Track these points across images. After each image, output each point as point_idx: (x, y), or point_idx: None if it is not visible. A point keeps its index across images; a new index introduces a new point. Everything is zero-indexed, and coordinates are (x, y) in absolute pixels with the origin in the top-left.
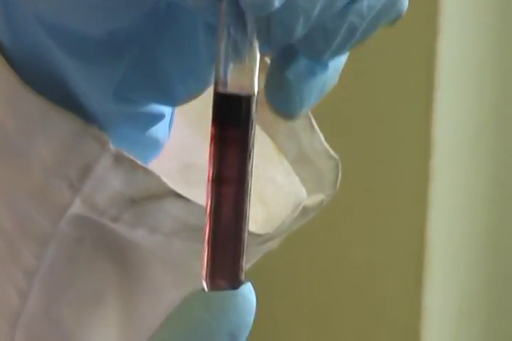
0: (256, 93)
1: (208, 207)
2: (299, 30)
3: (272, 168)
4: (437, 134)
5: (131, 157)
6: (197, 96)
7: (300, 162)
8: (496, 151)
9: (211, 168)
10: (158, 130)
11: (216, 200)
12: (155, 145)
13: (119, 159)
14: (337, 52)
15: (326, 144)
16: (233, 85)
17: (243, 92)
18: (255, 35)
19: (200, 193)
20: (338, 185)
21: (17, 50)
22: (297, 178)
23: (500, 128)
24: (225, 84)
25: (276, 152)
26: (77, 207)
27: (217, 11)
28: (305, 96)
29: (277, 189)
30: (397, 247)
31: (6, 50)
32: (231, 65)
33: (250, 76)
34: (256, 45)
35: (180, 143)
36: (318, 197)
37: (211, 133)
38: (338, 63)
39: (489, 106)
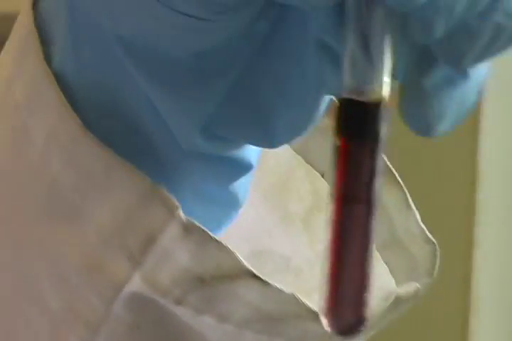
0: (386, 99)
1: (332, 229)
2: (441, 28)
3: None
4: (484, 163)
5: (203, 227)
6: (300, 134)
7: (390, 247)
8: None
9: (337, 185)
10: (240, 186)
11: (342, 219)
12: (234, 206)
13: (188, 229)
14: (480, 57)
15: (422, 225)
16: (362, 92)
17: (372, 100)
18: (387, 35)
19: (273, 284)
20: (435, 274)
21: (81, 84)
22: (385, 267)
23: None
24: (353, 91)
25: None
26: (135, 285)
27: (336, 19)
28: (443, 108)
29: None
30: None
31: (67, 87)
32: (360, 69)
33: (380, 81)
34: (388, 45)
35: (252, 225)
36: (411, 286)
37: (336, 145)
38: (480, 76)
39: None
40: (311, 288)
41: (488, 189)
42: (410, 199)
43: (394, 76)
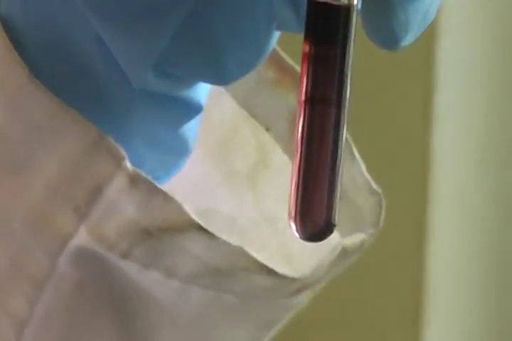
0: (355, 4)
1: (300, 131)
2: None
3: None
4: (437, 148)
5: (150, 179)
6: (250, 70)
7: None
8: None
9: (304, 87)
10: (189, 131)
11: (310, 122)
12: (183, 151)
13: (135, 180)
14: None
15: (367, 175)
16: None
17: (342, 4)
18: None
19: None
20: (380, 224)
21: (28, 27)
22: None
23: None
24: None
25: None
26: (81, 238)
27: None
28: (409, 20)
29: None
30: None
31: (14, 31)
32: None
33: None
34: None
35: (196, 183)
36: (358, 237)
37: (304, 49)
38: None
39: (495, 117)
40: (256, 249)
41: (443, 140)
42: (354, 149)
43: None
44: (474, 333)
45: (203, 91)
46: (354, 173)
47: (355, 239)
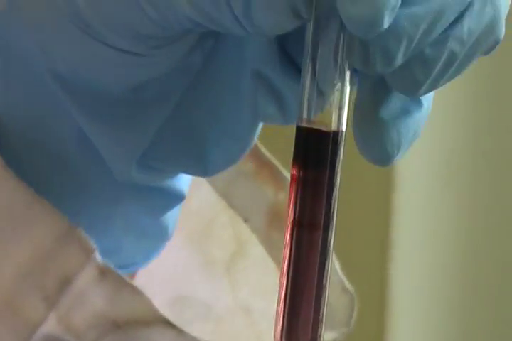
0: (344, 130)
1: (287, 253)
2: (400, 57)
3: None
4: (400, 165)
5: (118, 272)
6: (234, 162)
7: None
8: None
9: (292, 210)
10: (170, 218)
11: (298, 245)
12: (163, 238)
13: (104, 273)
14: (434, 85)
15: (341, 275)
16: (319, 120)
17: (330, 129)
18: (347, 65)
19: (193, 332)
20: (352, 323)
21: (10, 119)
22: None
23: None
24: (309, 120)
25: None
26: (50, 326)
27: (273, 55)
28: (402, 139)
29: None
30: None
31: None
32: (316, 99)
33: (339, 111)
34: (347, 75)
35: (174, 268)
36: (330, 336)
37: (292, 173)
38: (430, 101)
39: (459, 135)
40: (232, 338)
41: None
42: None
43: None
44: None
45: (185, 181)
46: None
47: (327, 337)
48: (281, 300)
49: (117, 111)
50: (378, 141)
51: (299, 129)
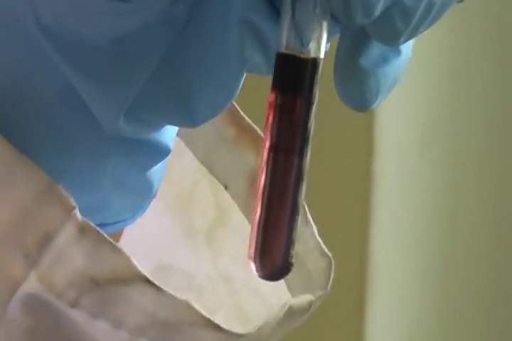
0: (322, 58)
1: (263, 176)
2: (380, 7)
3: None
4: (380, 135)
5: (99, 229)
6: (219, 112)
7: None
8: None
9: (269, 135)
10: (155, 174)
11: (273, 168)
12: (148, 194)
13: (84, 230)
14: (414, 33)
15: (319, 238)
16: (297, 49)
17: (309, 57)
18: (325, 13)
19: None
20: (329, 286)
21: None
22: (284, 284)
23: (448, 134)
24: (289, 48)
25: None
26: (31, 285)
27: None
28: (381, 85)
29: (261, 301)
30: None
31: None
32: (295, 28)
33: (318, 40)
34: (325, 25)
35: (157, 237)
36: (306, 298)
37: (270, 99)
38: (409, 49)
39: (438, 104)
40: (214, 308)
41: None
42: (308, 213)
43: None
44: (417, 327)
45: (170, 135)
46: (306, 235)
47: (303, 299)
48: (256, 221)
49: (103, 62)
50: (357, 88)
51: (278, 56)
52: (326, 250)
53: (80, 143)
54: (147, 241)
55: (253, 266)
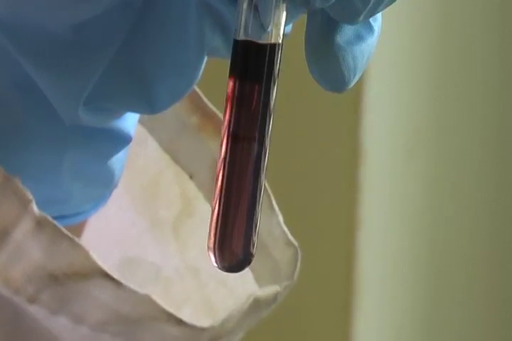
0: (281, 42)
1: (221, 165)
2: None
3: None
4: (367, 141)
5: (56, 223)
6: (180, 98)
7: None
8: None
9: (228, 123)
10: (117, 163)
11: (232, 157)
12: (110, 184)
13: (41, 224)
14: (373, 11)
15: (284, 227)
16: (255, 34)
17: (268, 42)
18: None
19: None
20: (296, 276)
21: None
22: (251, 275)
23: (435, 136)
24: (247, 34)
25: None
26: None
27: None
28: (356, 62)
29: (228, 293)
30: (324, 272)
31: None
32: (253, 15)
33: (276, 26)
34: (284, 8)
35: (122, 229)
36: (272, 289)
37: (229, 85)
38: (379, 25)
39: (424, 111)
40: (181, 301)
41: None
42: (274, 202)
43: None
44: (404, 329)
45: (131, 122)
46: (272, 225)
47: (269, 290)
48: (215, 212)
49: (59, 51)
50: (335, 67)
51: (235, 42)
52: (291, 239)
53: (38, 135)
54: (113, 233)
55: (213, 258)
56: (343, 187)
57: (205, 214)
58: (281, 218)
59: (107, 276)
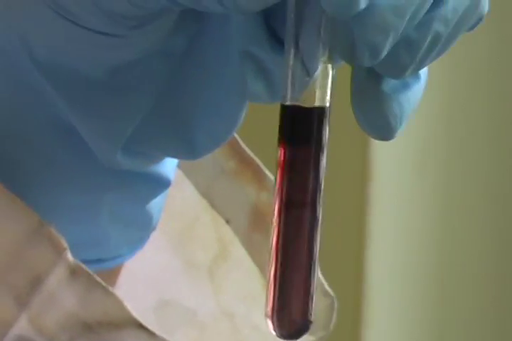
0: (329, 106)
1: (276, 233)
2: (387, 49)
3: (257, 311)
4: (377, 155)
5: (90, 271)
6: (221, 144)
7: None
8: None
9: (279, 191)
10: (155, 207)
11: (286, 225)
12: (148, 227)
13: (75, 272)
14: (420, 66)
15: (321, 277)
16: (303, 99)
17: (315, 106)
18: (328, 45)
19: (179, 340)
20: (331, 327)
21: None
22: None
23: (447, 148)
24: (294, 98)
25: (264, 286)
26: (22, 327)
27: (260, 30)
28: (404, 111)
29: (262, 339)
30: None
31: None
32: (300, 76)
33: (323, 88)
34: (328, 58)
35: (158, 272)
36: (308, 340)
37: (280, 152)
38: (426, 73)
39: (434, 124)
40: None
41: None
42: None
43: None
44: (414, 333)
45: (170, 166)
46: None
47: None
48: (272, 278)
49: (97, 96)
50: (381, 115)
51: (283, 107)
52: (328, 289)
53: (75, 178)
54: (148, 276)
55: (270, 325)
56: (353, 201)
57: (240, 258)
58: (318, 267)
59: (140, 327)
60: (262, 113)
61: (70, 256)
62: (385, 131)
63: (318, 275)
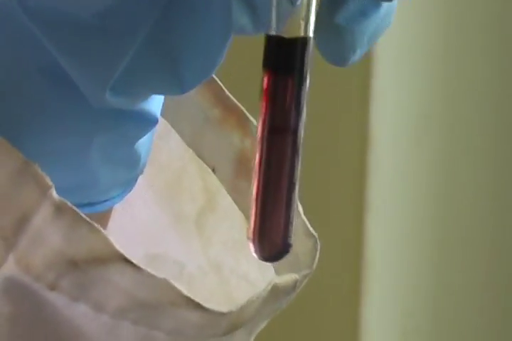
0: (312, 37)
1: (258, 158)
2: None
3: (245, 261)
4: (375, 128)
5: (75, 208)
6: (207, 77)
7: None
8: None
9: (263, 117)
10: (143, 145)
11: (268, 150)
12: (136, 166)
13: (60, 209)
14: None
15: (304, 218)
16: (286, 30)
17: (297, 36)
18: None
19: None
20: (314, 266)
21: None
22: (272, 270)
23: (443, 124)
24: (278, 29)
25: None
26: (10, 268)
27: None
28: (357, 41)
29: (250, 288)
30: (332, 260)
31: None
32: (283, 9)
33: (305, 19)
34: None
35: (145, 227)
36: (290, 277)
37: (264, 80)
38: (393, 3)
39: (432, 97)
40: (204, 298)
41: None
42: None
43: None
44: (413, 312)
45: (157, 104)
46: None
47: (288, 278)
48: (255, 202)
49: (85, 39)
50: (334, 44)
51: (268, 37)
52: (311, 230)
53: (66, 122)
54: (137, 230)
55: (252, 248)
56: (352, 174)
57: (227, 208)
58: (301, 208)
59: (125, 260)
60: (249, 61)
61: (55, 194)
62: (338, 59)
63: (302, 217)
